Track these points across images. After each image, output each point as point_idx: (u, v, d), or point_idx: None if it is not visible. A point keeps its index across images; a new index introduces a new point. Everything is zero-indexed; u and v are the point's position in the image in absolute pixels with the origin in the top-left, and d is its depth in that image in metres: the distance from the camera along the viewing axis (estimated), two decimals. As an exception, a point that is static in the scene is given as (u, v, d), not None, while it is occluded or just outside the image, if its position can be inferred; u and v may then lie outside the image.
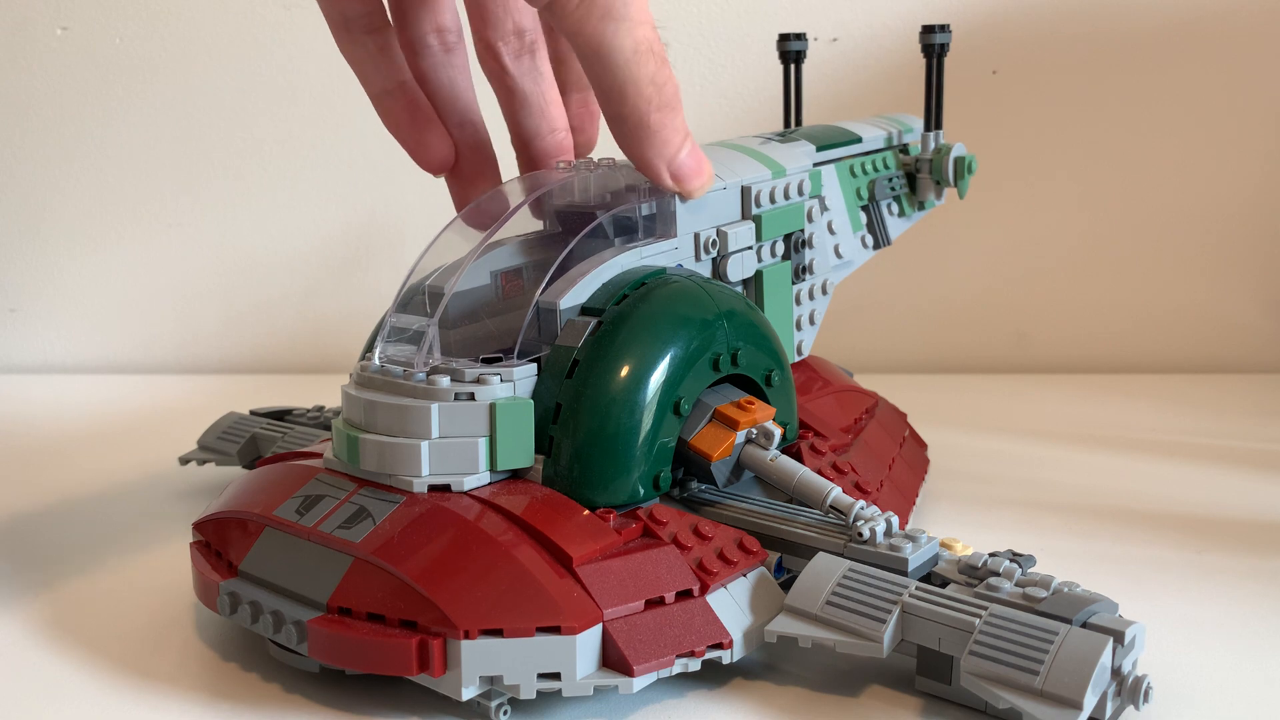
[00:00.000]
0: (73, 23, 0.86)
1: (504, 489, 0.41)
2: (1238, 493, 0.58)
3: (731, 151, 0.52)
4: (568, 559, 0.38)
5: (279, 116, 0.86)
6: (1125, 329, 0.84)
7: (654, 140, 0.43)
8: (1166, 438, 0.67)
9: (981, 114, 0.81)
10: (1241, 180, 0.82)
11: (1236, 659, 0.41)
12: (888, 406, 0.59)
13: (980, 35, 0.80)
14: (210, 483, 0.62)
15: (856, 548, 0.40)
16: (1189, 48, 0.80)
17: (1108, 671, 0.35)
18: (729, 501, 0.44)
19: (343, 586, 0.38)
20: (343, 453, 0.42)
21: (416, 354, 0.41)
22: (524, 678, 0.36)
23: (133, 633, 0.45)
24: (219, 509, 0.44)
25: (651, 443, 0.41)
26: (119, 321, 0.90)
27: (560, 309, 0.42)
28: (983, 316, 0.85)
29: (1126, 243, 0.83)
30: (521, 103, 0.50)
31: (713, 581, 0.39)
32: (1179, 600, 0.46)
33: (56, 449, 0.70)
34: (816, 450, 0.48)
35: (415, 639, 0.36)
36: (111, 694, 0.40)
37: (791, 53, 0.66)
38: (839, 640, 0.38)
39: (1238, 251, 0.83)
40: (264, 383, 0.85)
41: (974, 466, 0.62)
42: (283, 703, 0.39)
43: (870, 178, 0.60)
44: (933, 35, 0.61)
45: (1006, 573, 0.39)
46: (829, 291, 0.56)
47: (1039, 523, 0.54)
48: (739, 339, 0.44)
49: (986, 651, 0.36)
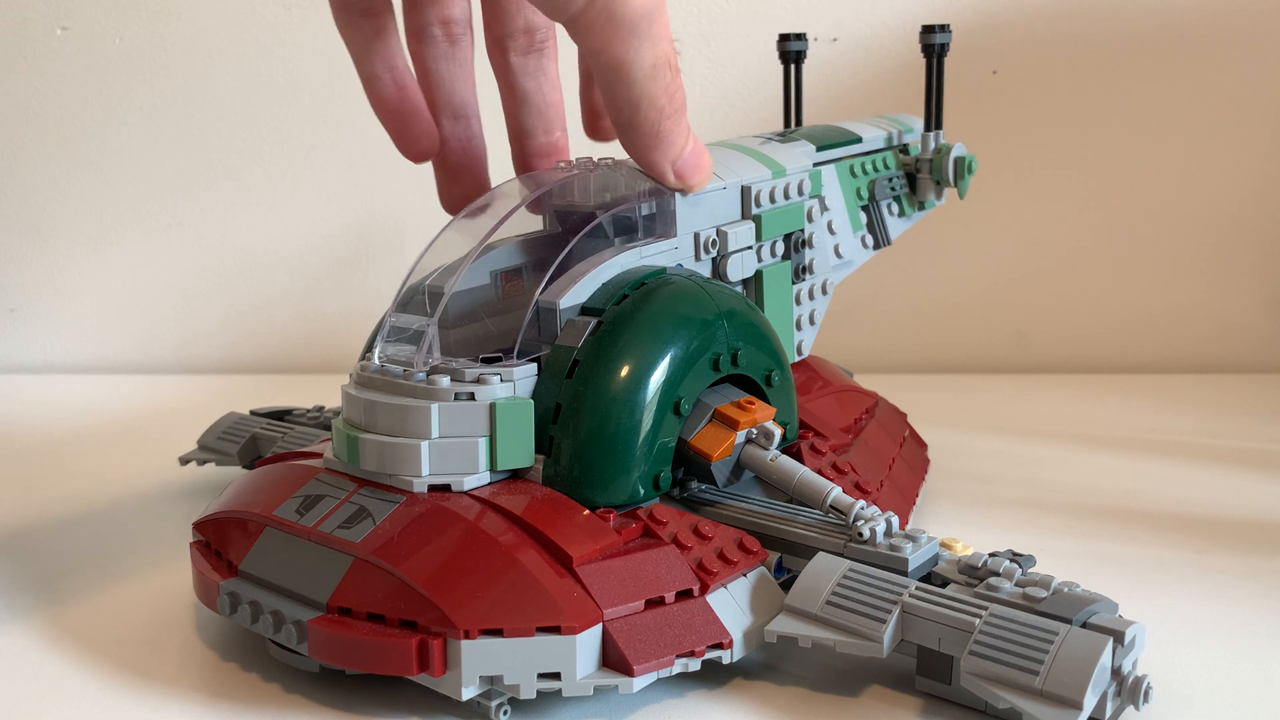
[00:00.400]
0: (73, 23, 0.86)
1: (504, 489, 0.41)
2: (1238, 493, 0.58)
3: (731, 151, 0.52)
4: (568, 559, 0.38)
5: (279, 116, 0.86)
6: (1125, 329, 0.84)
7: (661, 144, 0.44)
8: (1166, 438, 0.67)
9: (981, 114, 0.81)
10: (1242, 180, 0.82)
11: (1236, 659, 0.41)
12: (888, 406, 0.59)
13: (980, 35, 0.80)
14: (210, 483, 0.62)
15: (856, 548, 0.40)
16: (1189, 47, 0.80)
17: (1108, 671, 0.35)
18: (729, 501, 0.44)
19: (343, 586, 0.38)
20: (343, 453, 0.42)
21: (416, 354, 0.41)
22: (524, 678, 0.36)
23: (133, 632, 0.45)
24: (219, 509, 0.44)
25: (651, 443, 0.41)
26: (119, 321, 0.90)
27: (560, 309, 0.42)
28: (983, 316, 0.85)
29: (1126, 243, 0.83)
30: (521, 100, 0.50)
31: (713, 581, 0.39)
32: (1179, 600, 0.46)
33: (56, 449, 0.70)
34: (816, 450, 0.48)
35: (415, 639, 0.36)
36: (111, 694, 0.40)
37: (791, 53, 0.66)
38: (839, 640, 0.38)
39: (1238, 251, 0.83)
40: (264, 383, 0.85)
41: (974, 466, 0.62)
42: (283, 703, 0.39)
43: (870, 178, 0.60)
44: (933, 35, 0.61)
45: (1006, 573, 0.39)
46: (829, 291, 0.56)
47: (1039, 523, 0.54)
48: (739, 339, 0.44)
49: (986, 651, 0.36)
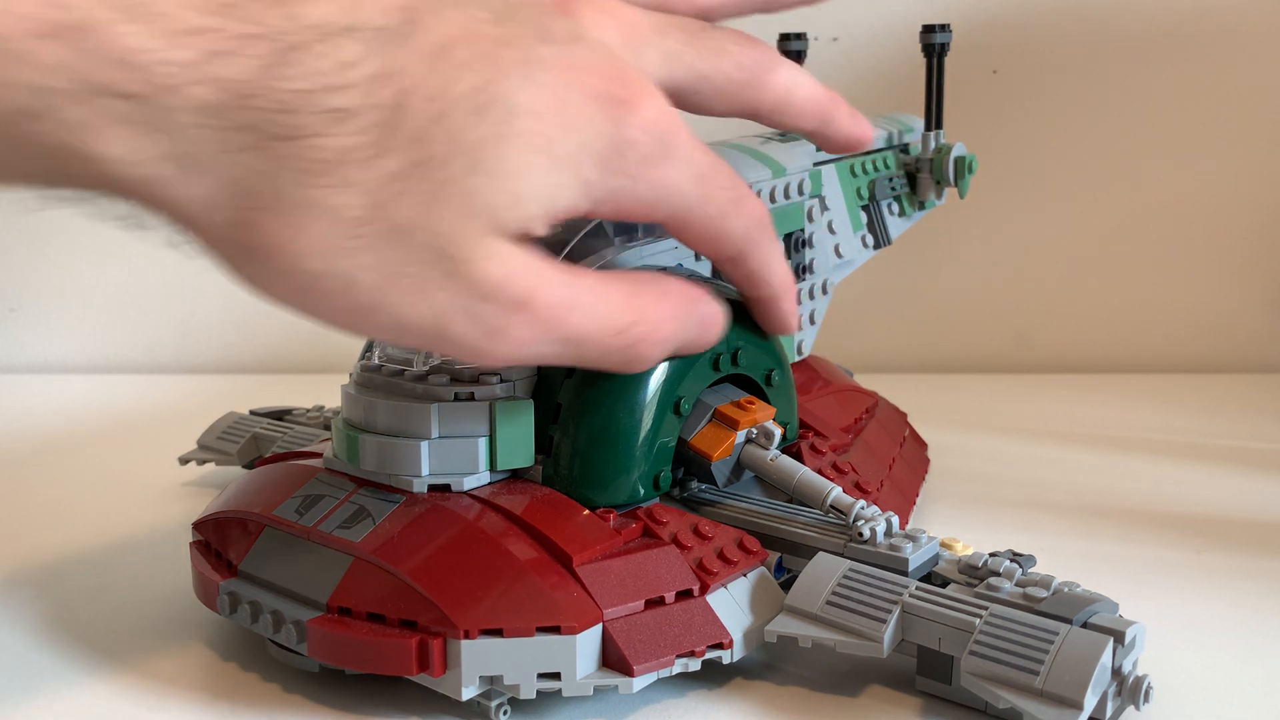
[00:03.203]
0: (73, 23, 0.86)
1: (504, 489, 0.41)
2: (1238, 493, 0.58)
3: (731, 151, 0.52)
4: (568, 559, 0.38)
5: (279, 116, 0.86)
6: (1125, 329, 0.84)
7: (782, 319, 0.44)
8: (1166, 438, 0.67)
9: (981, 114, 0.81)
10: (1242, 180, 0.81)
11: (1236, 659, 0.41)
12: (888, 406, 0.59)
13: (980, 35, 0.80)
14: (210, 483, 0.61)
15: (856, 548, 0.40)
16: (1190, 47, 0.80)
17: (1108, 671, 0.35)
18: (729, 501, 0.44)
19: (342, 586, 0.38)
20: (343, 453, 0.42)
21: (416, 354, 0.41)
22: (524, 678, 0.36)
23: (132, 632, 0.45)
24: (219, 509, 0.44)
25: (651, 442, 0.41)
26: (119, 321, 0.90)
27: (560, 309, 0.42)
28: (983, 316, 0.85)
29: (1127, 243, 0.83)
30: None
31: (713, 581, 0.39)
32: (1179, 600, 0.46)
33: (56, 449, 0.70)
34: (816, 450, 0.48)
35: (415, 639, 0.36)
36: (111, 693, 0.40)
37: (791, 53, 0.66)
38: (839, 640, 0.38)
39: (1238, 251, 0.83)
40: (264, 383, 0.85)
41: (974, 466, 0.62)
42: (283, 703, 0.39)
43: (870, 177, 0.60)
44: (933, 35, 0.61)
45: (1006, 573, 0.39)
46: (829, 291, 0.56)
47: (1039, 523, 0.54)
48: (739, 339, 0.44)
49: (987, 651, 0.36)
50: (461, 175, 0.31)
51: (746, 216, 0.39)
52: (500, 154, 0.32)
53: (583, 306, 0.35)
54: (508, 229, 0.33)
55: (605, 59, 0.35)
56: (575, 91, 0.33)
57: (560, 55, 0.34)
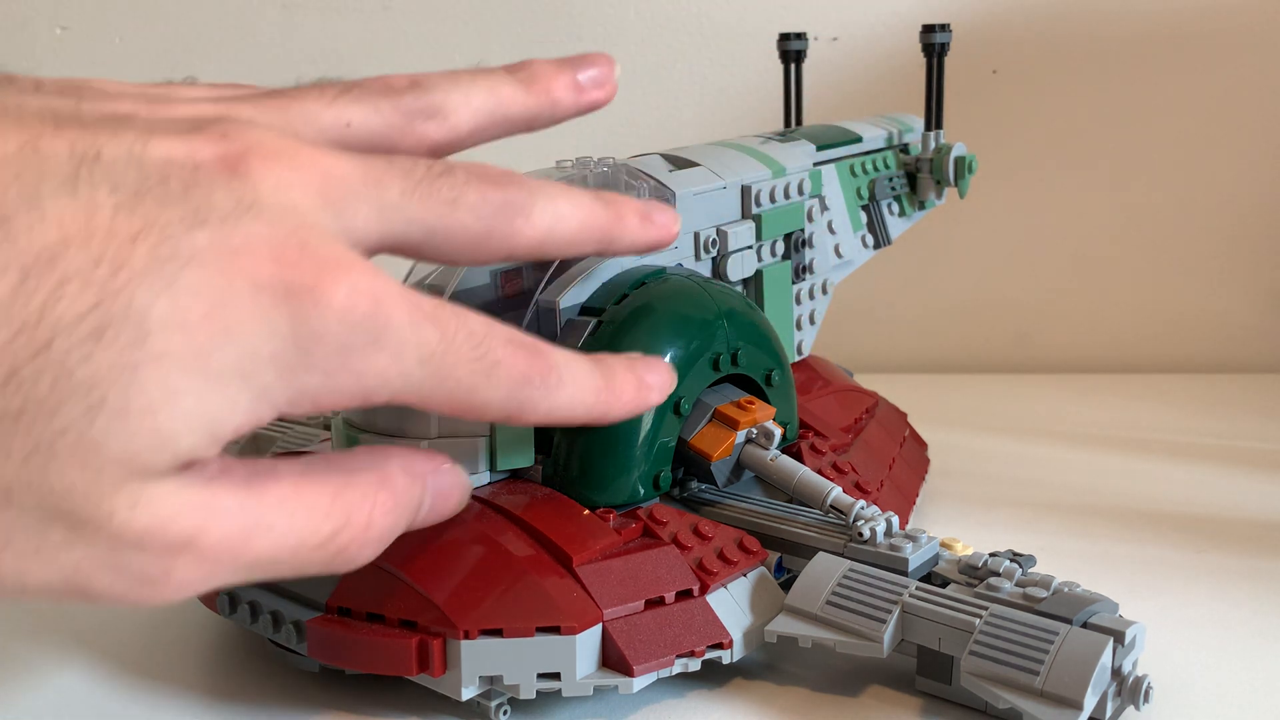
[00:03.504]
0: (73, 23, 0.86)
1: (504, 489, 0.41)
2: (1238, 493, 0.58)
3: (731, 151, 0.52)
4: (568, 559, 0.38)
5: (279, 116, 0.86)
6: (1125, 329, 0.84)
7: None
8: (1166, 438, 0.67)
9: (981, 114, 0.81)
10: (1242, 180, 0.81)
11: (1236, 659, 0.41)
12: (888, 406, 0.59)
13: (980, 35, 0.80)
14: (210, 482, 0.61)
15: (856, 548, 0.40)
16: (1190, 47, 0.80)
17: (1108, 671, 0.35)
18: (729, 501, 0.44)
19: (342, 586, 0.38)
20: (342, 452, 0.42)
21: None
22: (524, 678, 0.36)
23: (132, 632, 0.45)
24: (219, 509, 0.44)
25: (651, 442, 0.41)
26: (119, 321, 0.90)
27: (560, 308, 0.42)
28: (983, 316, 0.85)
29: (1127, 243, 0.83)
30: None
31: (713, 581, 0.39)
32: (1179, 600, 0.46)
33: (56, 449, 0.69)
34: (816, 450, 0.48)
35: (415, 639, 0.36)
36: (111, 694, 0.40)
37: (791, 52, 0.66)
38: (839, 640, 0.38)
39: (1238, 251, 0.83)
40: (264, 382, 0.84)
41: (974, 466, 0.62)
42: (283, 703, 0.39)
43: (870, 177, 0.60)
44: (933, 35, 0.61)
45: (1006, 573, 0.39)
46: (829, 291, 0.56)
47: (1039, 523, 0.54)
48: (739, 339, 0.44)
49: (987, 651, 0.36)
50: (79, 421, 0.25)
51: (505, 380, 0.32)
52: (131, 386, 0.26)
53: (268, 528, 0.29)
54: (157, 469, 0.27)
55: (282, 234, 0.28)
56: (237, 285, 0.27)
57: (217, 241, 0.27)
